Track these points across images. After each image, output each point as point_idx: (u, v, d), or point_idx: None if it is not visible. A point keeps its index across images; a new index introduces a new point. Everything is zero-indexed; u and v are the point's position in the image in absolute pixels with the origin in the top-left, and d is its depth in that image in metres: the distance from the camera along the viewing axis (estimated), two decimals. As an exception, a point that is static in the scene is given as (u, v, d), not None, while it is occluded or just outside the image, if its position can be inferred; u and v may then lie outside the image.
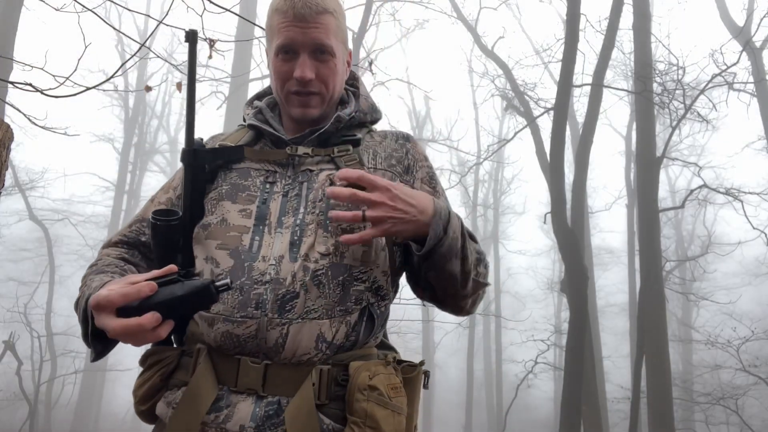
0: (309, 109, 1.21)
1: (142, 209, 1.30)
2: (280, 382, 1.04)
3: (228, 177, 1.19)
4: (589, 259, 12.30)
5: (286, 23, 1.17)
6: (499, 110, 18.79)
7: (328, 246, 1.10)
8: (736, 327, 10.59)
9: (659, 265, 8.30)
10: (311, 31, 1.17)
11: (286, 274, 1.06)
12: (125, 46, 17.56)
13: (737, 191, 9.69)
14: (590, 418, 7.41)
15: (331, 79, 1.22)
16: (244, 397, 1.03)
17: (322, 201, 1.14)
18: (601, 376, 11.94)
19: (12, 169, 13.76)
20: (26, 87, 2.21)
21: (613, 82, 13.41)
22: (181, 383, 1.09)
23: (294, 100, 1.21)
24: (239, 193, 1.16)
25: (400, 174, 1.24)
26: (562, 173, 7.57)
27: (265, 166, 1.20)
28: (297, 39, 1.17)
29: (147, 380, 1.11)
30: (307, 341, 1.04)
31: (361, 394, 1.03)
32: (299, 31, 1.17)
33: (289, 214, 1.13)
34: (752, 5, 12.06)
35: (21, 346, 10.22)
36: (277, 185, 1.17)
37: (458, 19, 13.43)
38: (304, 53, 1.18)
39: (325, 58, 1.20)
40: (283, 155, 1.19)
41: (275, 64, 1.21)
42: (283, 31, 1.18)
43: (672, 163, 15.47)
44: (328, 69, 1.21)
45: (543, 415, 21.94)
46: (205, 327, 1.08)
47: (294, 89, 1.20)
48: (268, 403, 1.03)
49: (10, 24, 6.51)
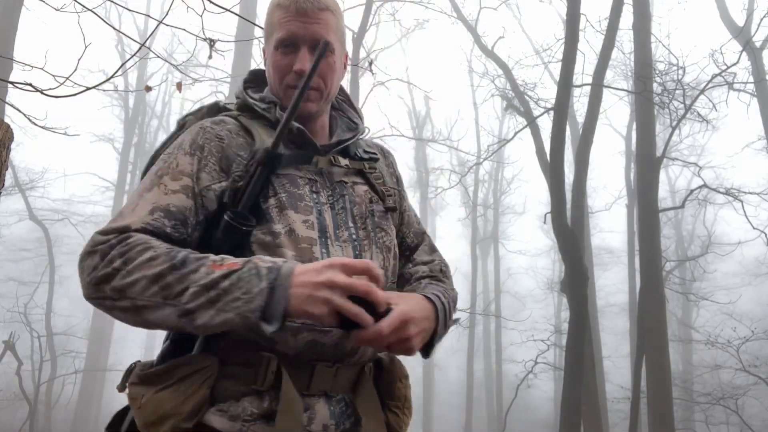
0: (308, 103, 1.21)
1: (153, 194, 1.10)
2: (343, 381, 1.14)
3: (280, 183, 1.16)
4: (589, 259, 12.30)
5: (288, 17, 1.19)
6: (499, 110, 18.80)
7: (380, 262, 1.21)
8: (736, 327, 10.59)
9: (659, 265, 8.31)
10: (312, 26, 1.19)
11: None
12: (125, 46, 17.57)
13: (737, 191, 9.69)
14: (590, 418, 7.41)
15: (329, 75, 1.23)
16: (317, 399, 1.10)
17: (369, 218, 1.23)
18: (601, 376, 11.94)
19: (12, 169, 13.76)
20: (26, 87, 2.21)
21: (613, 82, 13.41)
22: (239, 394, 1.05)
23: (292, 93, 1.20)
24: (298, 203, 1.16)
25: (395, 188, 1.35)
26: (562, 173, 7.57)
27: (307, 174, 1.20)
28: (298, 33, 1.19)
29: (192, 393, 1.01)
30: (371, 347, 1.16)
31: (401, 382, 1.22)
32: (300, 26, 1.19)
33: (341, 227, 1.18)
34: (752, 5, 12.06)
35: (21, 346, 10.23)
36: (322, 195, 1.20)
37: (458, 19, 13.44)
38: (304, 47, 1.20)
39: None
40: (326, 163, 1.23)
41: (274, 57, 1.22)
42: (285, 25, 1.19)
43: (672, 163, 15.47)
44: (327, 65, 1.21)
45: (543, 415, 21.94)
46: (286, 336, 1.06)
47: (293, 83, 1.20)
48: (337, 401, 1.12)
49: (10, 24, 6.51)
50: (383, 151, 1.42)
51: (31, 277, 16.57)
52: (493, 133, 20.23)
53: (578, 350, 6.78)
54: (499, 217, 22.05)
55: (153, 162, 1.22)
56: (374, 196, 1.26)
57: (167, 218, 1.07)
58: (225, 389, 1.05)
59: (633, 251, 13.92)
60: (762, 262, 15.88)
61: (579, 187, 8.07)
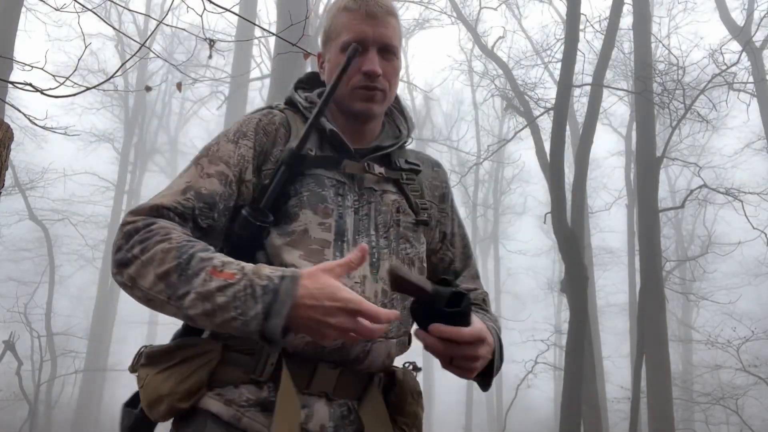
0: (373, 105, 1.22)
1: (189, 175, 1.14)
2: (348, 387, 1.13)
3: (305, 182, 1.16)
4: (589, 259, 12.30)
5: (357, 20, 1.21)
6: (499, 110, 18.78)
7: None
8: (736, 327, 10.59)
9: (659, 265, 8.31)
10: (381, 30, 1.21)
11: (370, 293, 1.13)
12: (125, 46, 17.55)
13: (737, 191, 9.70)
14: (590, 418, 7.42)
15: (394, 78, 1.25)
16: (317, 399, 1.09)
17: (393, 228, 1.21)
18: (601, 376, 11.95)
19: (12, 169, 13.75)
20: (26, 87, 2.21)
21: (613, 82, 13.41)
22: (238, 381, 1.07)
23: (359, 94, 1.21)
24: (319, 204, 1.15)
25: (437, 204, 1.34)
26: (562, 173, 7.57)
27: (336, 176, 1.19)
28: (368, 35, 1.20)
29: (188, 375, 1.05)
30: (382, 358, 1.15)
31: (412, 398, 1.21)
32: (370, 29, 1.20)
33: (362, 234, 1.17)
34: (752, 5, 12.05)
35: (21, 346, 10.22)
36: (347, 199, 1.19)
37: (458, 19, 13.44)
38: (373, 49, 1.20)
39: (390, 57, 1.23)
40: (359, 169, 1.21)
41: (340, 59, 1.19)
42: (354, 27, 1.20)
43: (672, 163, 15.45)
44: (393, 69, 1.23)
45: (543, 415, 21.94)
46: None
47: (361, 84, 1.20)
48: (339, 404, 1.11)
49: (10, 24, 6.50)
50: (433, 165, 1.38)
51: (31, 277, 16.55)
52: (493, 133, 20.23)
53: (578, 350, 6.78)
54: (499, 217, 22.04)
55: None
56: (404, 206, 1.23)
57: (197, 200, 1.10)
58: (226, 375, 1.07)
59: (633, 251, 13.91)
60: (762, 262, 15.88)
61: (579, 187, 8.07)
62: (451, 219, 1.37)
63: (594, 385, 7.66)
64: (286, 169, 1.14)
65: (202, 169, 1.14)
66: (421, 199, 1.27)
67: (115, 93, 16.98)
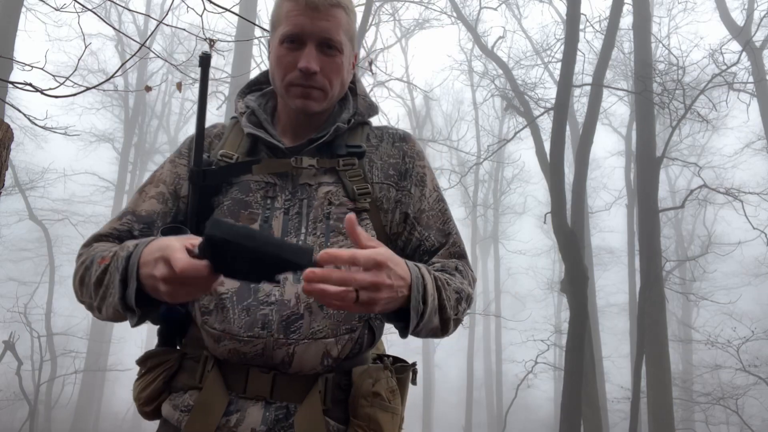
0: (310, 101, 1.16)
1: (131, 201, 1.22)
2: (287, 390, 1.08)
3: (229, 192, 1.16)
4: (589, 259, 12.30)
5: (296, 11, 1.13)
6: (499, 110, 18.78)
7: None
8: (736, 327, 10.59)
9: (659, 265, 8.31)
10: (321, 23, 1.13)
11: (290, 295, 1.07)
12: (125, 46, 17.56)
13: (737, 191, 9.70)
14: (590, 418, 7.41)
15: (335, 76, 1.17)
16: (254, 402, 1.07)
17: (322, 222, 1.13)
18: (601, 376, 11.95)
19: (12, 169, 13.76)
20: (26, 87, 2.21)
21: (613, 82, 13.42)
22: (186, 387, 1.11)
23: (295, 91, 1.16)
24: (241, 211, 1.13)
25: (396, 183, 1.22)
26: (562, 173, 7.57)
27: (265, 178, 1.16)
28: (306, 28, 1.13)
29: (150, 383, 1.13)
30: (314, 359, 1.08)
31: (365, 400, 1.08)
32: (308, 21, 1.12)
33: (291, 234, 1.12)
34: (752, 5, 12.06)
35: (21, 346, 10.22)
36: (278, 200, 1.15)
37: (458, 19, 13.44)
38: (311, 44, 1.14)
39: (332, 53, 1.15)
40: (287, 167, 1.16)
41: (279, 52, 1.16)
42: (292, 19, 1.13)
43: (672, 163, 15.47)
44: (334, 65, 1.16)
45: (543, 415, 21.96)
46: (211, 342, 1.09)
47: (297, 81, 1.15)
48: (277, 407, 1.07)
49: (10, 24, 6.50)
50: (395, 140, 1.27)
51: (31, 277, 16.56)
52: (493, 133, 20.23)
53: (578, 350, 6.78)
54: (499, 217, 22.04)
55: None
56: (338, 197, 1.15)
57: (137, 222, 1.18)
58: (179, 382, 1.13)
59: (633, 251, 13.92)
60: (762, 262, 15.89)
61: (579, 187, 8.07)
62: (419, 195, 1.23)
63: (594, 385, 7.66)
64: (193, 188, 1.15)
65: (146, 195, 1.22)
66: (363, 184, 1.17)
67: (115, 93, 16.98)
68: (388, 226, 1.20)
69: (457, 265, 1.20)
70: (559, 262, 16.36)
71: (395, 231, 1.21)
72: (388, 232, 1.20)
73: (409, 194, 1.23)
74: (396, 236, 1.22)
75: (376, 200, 1.19)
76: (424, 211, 1.23)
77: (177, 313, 1.16)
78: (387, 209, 1.20)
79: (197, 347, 1.13)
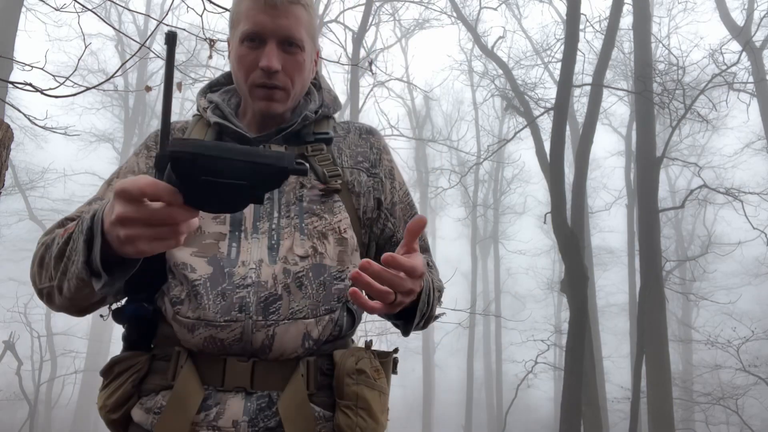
0: (273, 103, 1.16)
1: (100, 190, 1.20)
2: (268, 378, 1.05)
3: None
4: (589, 259, 12.30)
5: (256, 9, 1.12)
6: (499, 110, 18.79)
7: (306, 248, 1.10)
8: (736, 327, 10.59)
9: (659, 265, 8.31)
10: (281, 20, 1.12)
11: (267, 276, 1.06)
12: (125, 46, 17.56)
13: (737, 191, 9.70)
14: (590, 418, 7.42)
15: (297, 74, 1.16)
16: (233, 394, 1.03)
17: (295, 204, 1.13)
18: (601, 376, 11.96)
19: (12, 169, 13.76)
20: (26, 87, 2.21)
21: (613, 82, 13.43)
22: (159, 387, 1.07)
23: (258, 92, 1.15)
24: None
25: (367, 169, 1.24)
26: (562, 173, 7.57)
27: None
28: (266, 26, 1.12)
29: (117, 388, 1.08)
30: (294, 341, 1.05)
31: (350, 378, 1.06)
32: (268, 19, 1.11)
33: (263, 219, 1.11)
34: (752, 5, 12.06)
35: (21, 346, 10.23)
36: None
37: (458, 19, 13.44)
38: (271, 42, 1.13)
39: (293, 50, 1.14)
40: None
41: (239, 52, 1.15)
42: (252, 17, 1.12)
43: (672, 163, 15.48)
44: (296, 63, 1.15)
45: (543, 415, 21.96)
46: (184, 333, 1.06)
47: (259, 81, 1.14)
48: (258, 397, 1.04)
49: (10, 24, 6.51)
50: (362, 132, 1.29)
51: (31, 277, 16.51)
52: (493, 133, 20.25)
53: (578, 350, 6.78)
54: (499, 217, 22.04)
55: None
56: (309, 180, 1.15)
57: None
58: (149, 384, 1.08)
59: (633, 251, 13.93)
60: (762, 262, 15.89)
61: (579, 187, 8.07)
62: (389, 187, 1.26)
63: (594, 385, 7.66)
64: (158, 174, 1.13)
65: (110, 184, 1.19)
66: (332, 167, 1.17)
67: (115, 93, 16.98)
68: (361, 210, 1.21)
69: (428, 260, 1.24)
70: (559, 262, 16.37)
71: (369, 216, 1.22)
72: (361, 216, 1.20)
73: (382, 183, 1.25)
74: (370, 222, 1.23)
75: (347, 183, 1.19)
76: (396, 203, 1.26)
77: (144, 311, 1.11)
78: (360, 193, 1.20)
79: (168, 345, 1.09)
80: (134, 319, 1.12)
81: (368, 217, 1.22)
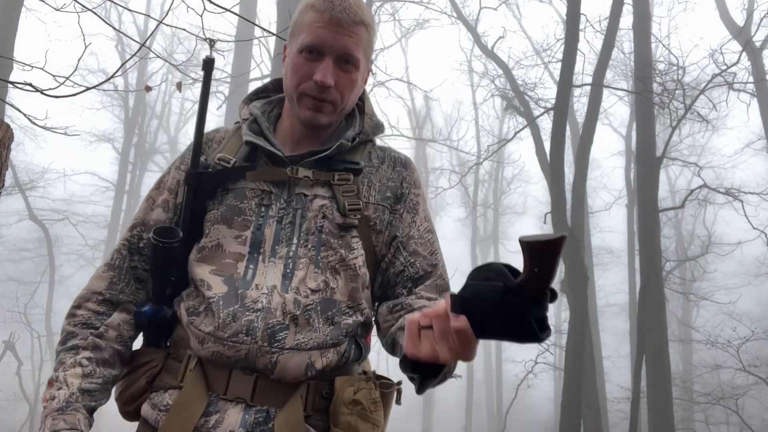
0: (319, 115, 1.17)
1: (140, 210, 1.25)
2: (269, 394, 1.08)
3: (224, 198, 1.17)
4: (589, 259, 12.30)
5: (320, 23, 1.13)
6: (499, 110, 18.78)
7: (319, 282, 1.12)
8: (736, 327, 10.59)
9: (659, 265, 8.30)
10: (343, 38, 1.14)
11: (276, 304, 1.09)
12: (125, 46, 17.56)
13: (737, 191, 9.70)
14: (590, 418, 7.41)
15: (348, 91, 1.18)
16: (234, 404, 1.07)
17: (314, 235, 1.14)
18: (601, 376, 11.94)
19: (12, 169, 13.75)
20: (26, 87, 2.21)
21: (613, 82, 13.42)
22: (168, 386, 1.12)
23: (307, 101, 1.17)
24: (235, 217, 1.15)
25: (390, 206, 1.23)
26: (562, 173, 7.57)
27: (260, 186, 1.17)
28: (326, 42, 1.13)
29: (133, 382, 1.14)
30: (297, 369, 1.08)
31: (346, 407, 1.07)
32: (331, 35, 1.13)
33: (282, 243, 1.14)
34: (752, 5, 12.07)
35: (21, 346, 10.23)
36: (272, 209, 1.16)
37: (458, 19, 13.44)
38: (329, 58, 1.14)
39: (348, 68, 1.16)
40: (282, 175, 1.17)
41: (296, 60, 1.16)
42: (315, 30, 1.13)
43: (672, 163, 15.46)
44: (349, 81, 1.17)
45: (543, 415, 21.94)
46: (195, 342, 1.10)
47: (310, 92, 1.15)
48: (257, 411, 1.06)
49: (10, 24, 6.50)
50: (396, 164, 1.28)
51: (31, 277, 16.58)
52: (493, 133, 20.24)
53: (578, 350, 6.78)
54: (499, 217, 22.04)
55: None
56: (332, 210, 1.16)
57: (146, 231, 1.20)
58: (161, 381, 1.13)
59: (633, 251, 13.92)
60: (762, 262, 15.89)
61: (579, 187, 8.07)
62: (409, 221, 1.23)
63: (594, 385, 7.66)
64: (188, 189, 1.17)
65: (153, 202, 1.24)
66: (355, 200, 1.17)
67: (115, 93, 16.98)
68: (379, 247, 1.21)
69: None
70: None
71: (382, 253, 1.22)
72: (377, 253, 1.21)
73: (401, 218, 1.23)
74: (383, 257, 1.22)
75: (368, 219, 1.19)
76: (413, 237, 1.22)
77: (164, 313, 1.17)
78: (380, 230, 1.20)
79: (182, 347, 1.14)
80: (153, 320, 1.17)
81: (382, 254, 1.22)
